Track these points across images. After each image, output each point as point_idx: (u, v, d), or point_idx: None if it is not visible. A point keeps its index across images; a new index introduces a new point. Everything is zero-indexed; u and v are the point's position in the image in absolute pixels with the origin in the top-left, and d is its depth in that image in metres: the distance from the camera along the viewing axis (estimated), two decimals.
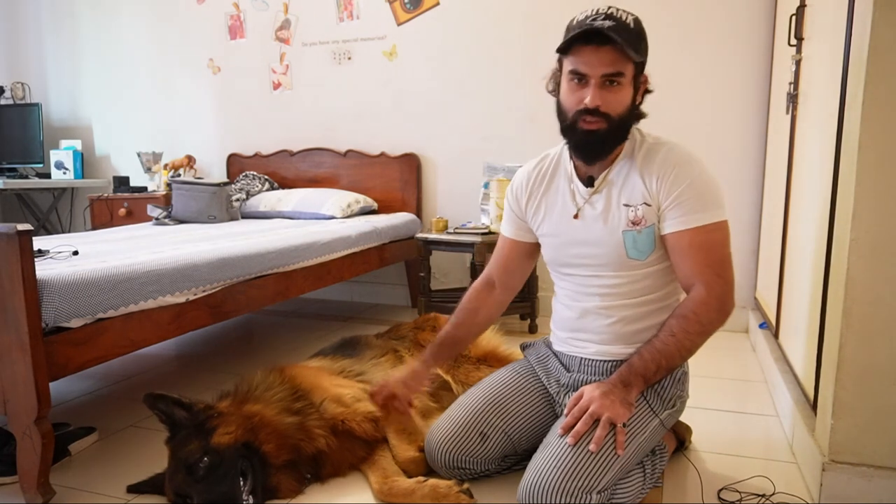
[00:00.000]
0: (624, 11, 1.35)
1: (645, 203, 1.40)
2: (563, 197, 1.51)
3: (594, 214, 1.45)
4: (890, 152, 1.26)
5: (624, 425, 1.31)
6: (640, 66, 1.38)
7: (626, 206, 1.42)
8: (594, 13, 1.33)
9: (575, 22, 1.36)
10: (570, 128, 1.40)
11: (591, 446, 1.26)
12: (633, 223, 1.41)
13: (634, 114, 1.42)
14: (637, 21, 1.36)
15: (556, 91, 1.45)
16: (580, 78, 1.35)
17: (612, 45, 1.29)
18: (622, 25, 1.31)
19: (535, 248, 1.65)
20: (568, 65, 1.37)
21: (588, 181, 1.47)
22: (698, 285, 1.38)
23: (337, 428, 1.54)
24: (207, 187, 3.18)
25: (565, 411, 1.36)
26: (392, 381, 1.60)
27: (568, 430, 1.31)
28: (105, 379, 2.40)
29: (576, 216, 1.48)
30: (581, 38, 1.32)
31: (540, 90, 1.52)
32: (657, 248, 1.42)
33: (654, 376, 1.38)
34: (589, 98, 1.33)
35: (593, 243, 1.46)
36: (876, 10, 1.23)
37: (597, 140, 1.38)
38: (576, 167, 1.50)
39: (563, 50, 1.36)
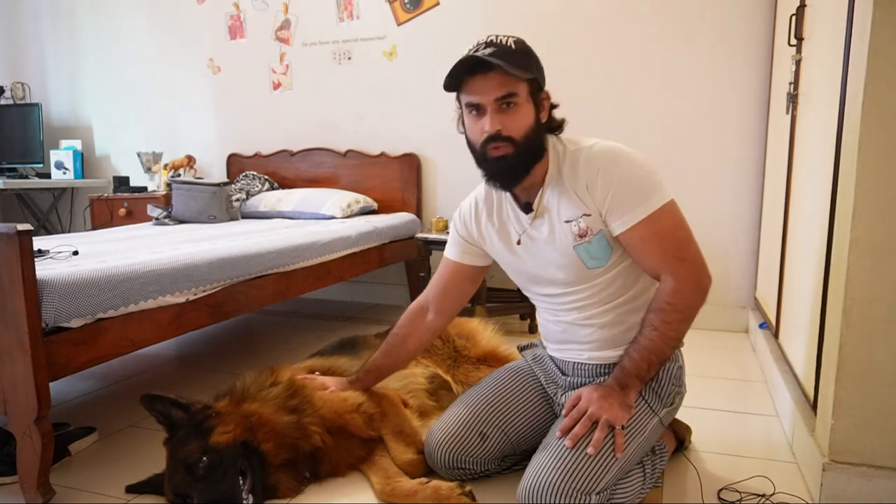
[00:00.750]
0: (505, 36, 1.36)
1: (584, 214, 1.39)
2: (512, 225, 1.51)
3: (542, 239, 1.45)
4: (890, 152, 1.26)
5: (623, 427, 1.31)
6: (535, 84, 1.37)
7: (568, 222, 1.41)
8: (475, 45, 1.35)
9: (460, 58, 1.36)
10: (482, 159, 1.40)
11: (590, 449, 1.26)
12: (581, 236, 1.40)
13: (541, 131, 1.41)
14: (519, 42, 1.36)
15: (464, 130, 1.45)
16: (477, 109, 1.36)
17: (496, 70, 1.30)
18: (503, 49, 1.32)
19: (478, 272, 1.64)
20: (463, 99, 1.39)
21: (526, 207, 1.47)
22: (664, 276, 1.37)
23: (332, 425, 1.54)
24: (207, 187, 3.18)
25: (563, 412, 1.36)
26: (324, 378, 1.66)
27: (566, 432, 1.30)
28: (105, 379, 2.40)
29: (519, 242, 1.48)
30: (465, 70, 1.34)
31: None
32: (614, 249, 1.41)
33: (648, 373, 1.37)
34: (487, 124, 1.34)
35: (552, 265, 1.45)
36: (876, 10, 1.23)
37: (507, 166, 1.37)
38: (514, 195, 1.49)
39: (454, 87, 1.38)
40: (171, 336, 1.85)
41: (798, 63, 2.12)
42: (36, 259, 1.46)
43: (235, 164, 3.88)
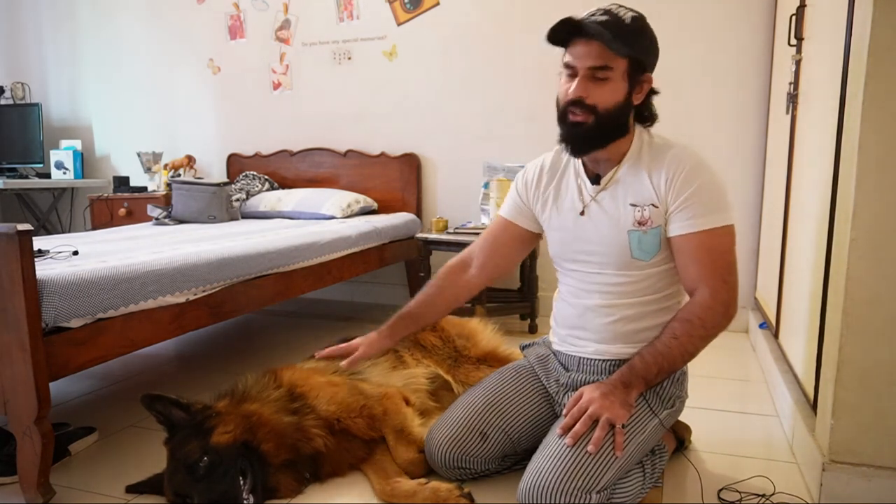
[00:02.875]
0: (626, 9, 1.36)
1: (652, 204, 1.40)
2: (571, 192, 1.52)
3: (600, 212, 1.46)
4: (890, 152, 1.26)
5: (623, 426, 1.31)
6: (636, 63, 1.38)
7: (633, 205, 1.42)
8: (594, 10, 1.36)
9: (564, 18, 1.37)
10: (561, 119, 1.42)
11: (590, 447, 1.26)
12: (640, 223, 1.41)
13: (628, 111, 1.42)
14: (638, 19, 1.37)
15: None
16: (571, 71, 1.38)
17: (599, 39, 1.31)
18: (615, 21, 1.33)
19: (529, 237, 1.64)
20: (564, 58, 1.40)
21: (595, 179, 1.48)
22: (703, 289, 1.37)
23: (333, 427, 1.54)
24: (207, 187, 3.18)
25: (564, 411, 1.36)
26: (349, 344, 1.60)
27: (567, 430, 1.30)
28: (105, 379, 2.40)
29: (581, 213, 1.48)
30: (566, 31, 1.35)
31: (540, 90, 1.53)
32: (662, 249, 1.42)
33: (655, 378, 1.37)
34: (573, 88, 1.36)
35: (598, 241, 1.46)
36: (876, 10, 1.23)
37: (581, 133, 1.38)
38: (584, 164, 1.50)
39: (555, 42, 1.38)
40: (171, 336, 1.85)
41: (798, 63, 2.12)
42: (36, 259, 1.46)
43: (235, 164, 3.88)
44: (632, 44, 1.34)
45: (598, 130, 1.38)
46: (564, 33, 1.36)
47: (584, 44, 1.34)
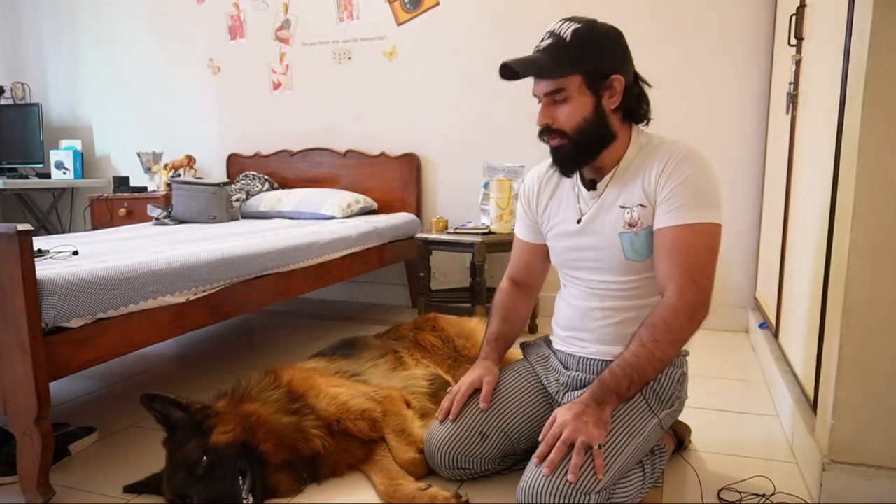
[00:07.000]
0: (570, 24, 1.37)
1: (640, 205, 1.40)
2: (569, 201, 1.52)
3: (597, 218, 1.46)
4: (890, 152, 1.26)
5: (600, 447, 1.27)
6: (592, 74, 1.37)
7: (622, 207, 1.42)
8: (546, 33, 1.39)
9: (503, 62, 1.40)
10: (547, 144, 1.46)
11: (569, 476, 1.22)
12: (630, 225, 1.41)
13: (603, 119, 1.40)
14: (578, 31, 1.35)
15: None
16: (537, 98, 1.43)
17: (531, 74, 1.36)
18: (557, 43, 1.36)
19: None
20: None
21: (591, 185, 1.48)
22: (671, 288, 1.34)
23: (332, 428, 1.54)
24: (207, 187, 3.18)
25: (540, 437, 1.32)
26: (468, 381, 1.54)
27: (543, 458, 1.27)
28: (105, 379, 2.40)
29: (579, 221, 1.49)
30: (508, 72, 1.37)
31: None
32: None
33: (628, 392, 1.33)
34: (537, 116, 1.41)
35: (594, 246, 1.46)
36: (876, 10, 1.23)
37: (563, 155, 1.43)
38: (581, 172, 1.50)
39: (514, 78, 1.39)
40: (171, 336, 1.85)
41: (798, 63, 2.12)
42: (36, 259, 1.46)
43: (235, 164, 3.89)
44: (576, 59, 1.34)
45: (578, 148, 1.41)
46: (505, 76, 1.38)
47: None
